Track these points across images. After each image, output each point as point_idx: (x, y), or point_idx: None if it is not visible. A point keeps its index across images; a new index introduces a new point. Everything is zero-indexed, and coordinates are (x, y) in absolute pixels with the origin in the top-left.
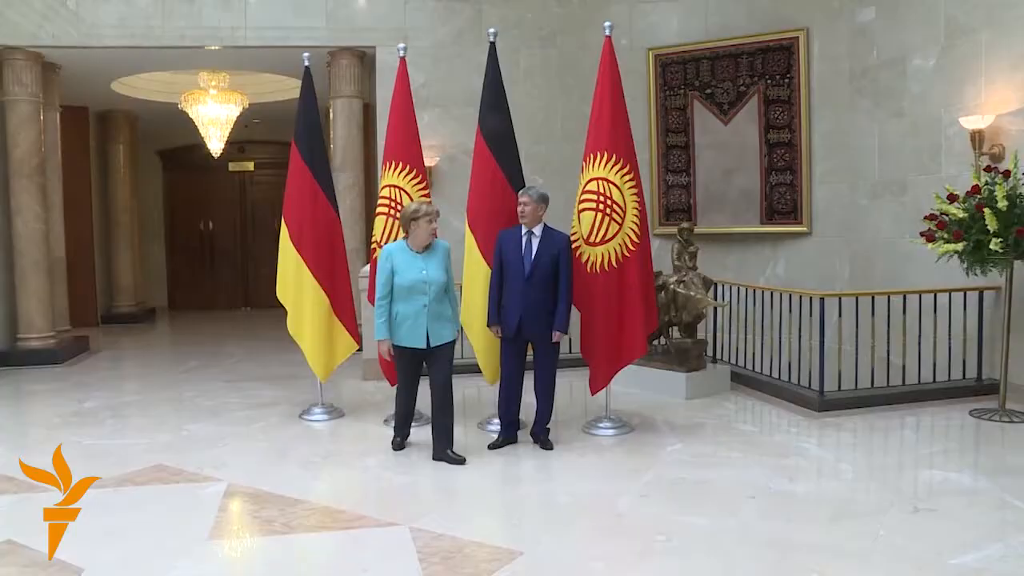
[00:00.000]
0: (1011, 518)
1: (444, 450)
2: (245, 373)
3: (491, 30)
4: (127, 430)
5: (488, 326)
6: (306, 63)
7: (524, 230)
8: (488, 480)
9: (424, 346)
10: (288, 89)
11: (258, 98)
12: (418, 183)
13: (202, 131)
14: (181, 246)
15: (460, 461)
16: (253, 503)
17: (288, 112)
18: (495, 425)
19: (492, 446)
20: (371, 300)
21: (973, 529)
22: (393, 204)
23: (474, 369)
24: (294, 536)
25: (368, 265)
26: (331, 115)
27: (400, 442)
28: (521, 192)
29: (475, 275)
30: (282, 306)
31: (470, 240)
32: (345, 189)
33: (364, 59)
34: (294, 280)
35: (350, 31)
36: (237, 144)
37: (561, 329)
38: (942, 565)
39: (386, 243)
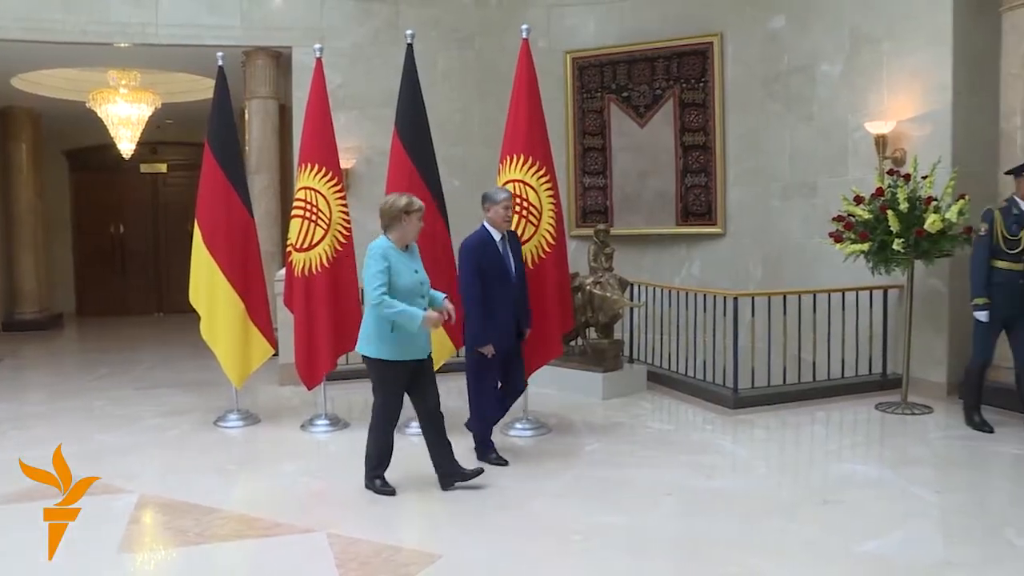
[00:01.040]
0: (912, 506)
1: (459, 472)
2: (158, 380)
3: (408, 32)
4: (30, 442)
5: (478, 347)
6: (220, 63)
7: (498, 236)
8: (406, 483)
9: (425, 356)
10: (202, 89)
11: (171, 98)
12: (334, 185)
13: (112, 131)
14: (91, 250)
15: (479, 472)
16: (166, 513)
17: (202, 112)
18: (413, 428)
19: (497, 461)
20: (288, 304)
21: (877, 518)
22: (309, 207)
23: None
24: (209, 546)
25: (284, 269)
26: (246, 116)
27: (387, 483)
28: (505, 196)
29: None
30: (196, 311)
31: None
32: (260, 191)
33: (280, 59)
34: (207, 284)
35: (265, 31)
36: (149, 145)
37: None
38: (848, 554)
39: (301, 247)
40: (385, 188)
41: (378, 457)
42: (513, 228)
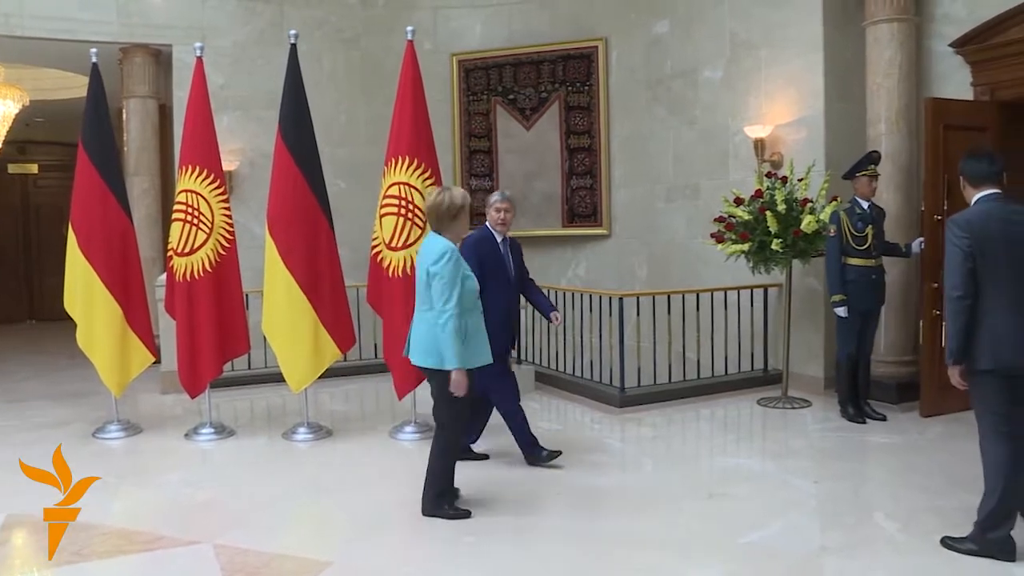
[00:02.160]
0: (792, 497)
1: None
2: (31, 392)
3: (292, 32)
4: None
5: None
6: (93, 59)
7: (499, 237)
8: (293, 491)
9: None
10: (75, 86)
11: (40, 95)
12: (216, 188)
13: None
14: None
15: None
16: (38, 532)
17: (75, 111)
18: (300, 435)
19: (550, 456)
20: (169, 310)
21: (759, 510)
22: (190, 210)
23: (278, 378)
24: (86, 564)
25: (165, 274)
26: (124, 116)
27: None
28: (501, 199)
29: (276, 282)
30: (72, 318)
31: (270, 246)
32: (140, 194)
33: (160, 58)
34: (83, 290)
35: (144, 27)
36: (17, 144)
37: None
38: (732, 545)
39: (183, 251)
40: (269, 191)
41: (448, 479)
42: (399, 232)
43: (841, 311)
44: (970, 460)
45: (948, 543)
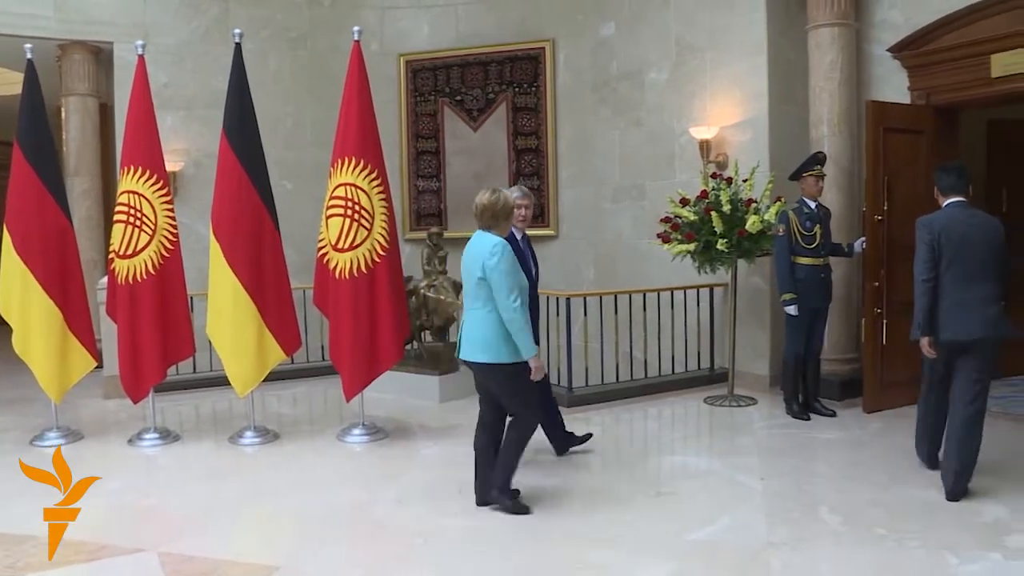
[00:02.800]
0: (738, 493)
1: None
2: None
3: (236, 31)
4: None
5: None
6: (29, 55)
7: (518, 234)
8: (241, 496)
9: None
10: (10, 83)
11: None
12: (159, 189)
13: None
14: None
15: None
16: None
17: (10, 109)
18: (247, 439)
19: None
20: (111, 314)
21: (707, 506)
22: (132, 212)
23: (224, 382)
24: None
25: (106, 277)
26: (63, 114)
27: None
28: (521, 195)
29: (222, 285)
30: (7, 322)
31: (215, 248)
32: (80, 195)
33: (100, 55)
34: (20, 293)
35: (83, 24)
36: None
37: None
38: (680, 542)
39: (125, 253)
40: (213, 192)
41: (514, 470)
42: (345, 233)
43: (791, 309)
44: (910, 454)
45: None
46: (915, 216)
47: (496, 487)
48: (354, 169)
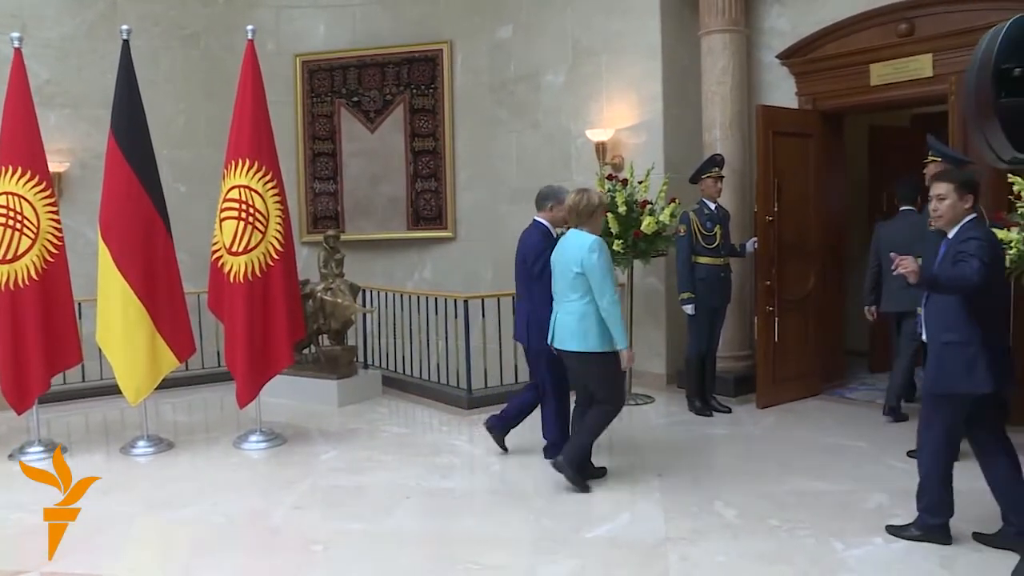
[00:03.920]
0: (638, 490)
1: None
2: None
3: (124, 27)
4: None
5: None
6: None
7: (554, 233)
8: (133, 509)
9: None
10: None
11: None
12: (42, 191)
13: None
14: None
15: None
16: None
17: None
18: (139, 448)
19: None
20: None
21: (606, 504)
22: (12, 214)
23: (115, 390)
24: None
25: None
26: None
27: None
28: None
29: (110, 290)
30: None
31: (104, 252)
32: None
33: None
34: None
35: None
36: None
37: None
38: (580, 539)
39: (5, 258)
40: (101, 194)
41: (586, 449)
42: (240, 236)
43: (689, 308)
44: (801, 447)
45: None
46: (804, 216)
47: (566, 459)
48: (248, 171)
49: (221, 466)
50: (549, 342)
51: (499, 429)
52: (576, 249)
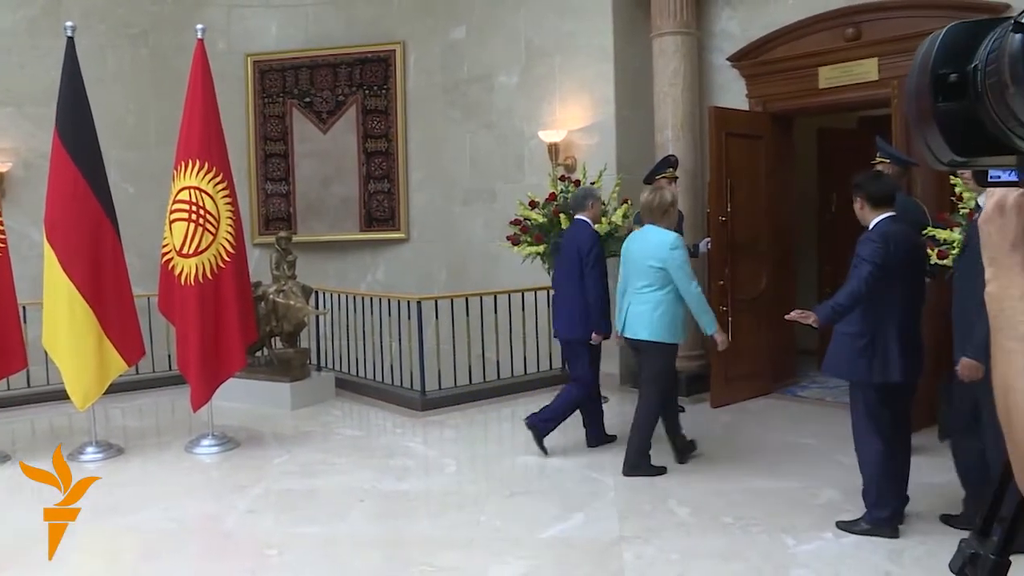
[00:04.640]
0: (592, 490)
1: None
2: None
3: (68, 23)
4: None
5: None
6: None
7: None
8: (81, 516)
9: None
10: None
11: None
12: None
13: None
14: None
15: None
16: None
17: None
18: (88, 455)
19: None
20: None
21: (561, 504)
22: None
23: (62, 395)
24: None
25: None
26: None
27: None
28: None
29: (56, 293)
30: None
31: (49, 254)
32: None
33: None
34: None
35: None
36: None
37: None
38: (535, 540)
39: None
40: (46, 195)
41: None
42: (190, 238)
43: None
44: (753, 445)
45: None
46: (756, 216)
47: (629, 466)
48: (198, 172)
49: (173, 471)
50: (620, 332)
51: (540, 429)
52: (656, 246)
